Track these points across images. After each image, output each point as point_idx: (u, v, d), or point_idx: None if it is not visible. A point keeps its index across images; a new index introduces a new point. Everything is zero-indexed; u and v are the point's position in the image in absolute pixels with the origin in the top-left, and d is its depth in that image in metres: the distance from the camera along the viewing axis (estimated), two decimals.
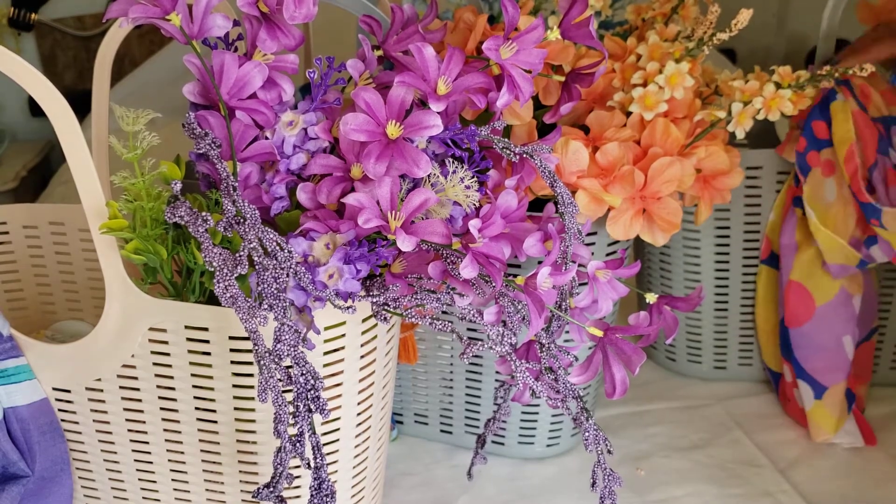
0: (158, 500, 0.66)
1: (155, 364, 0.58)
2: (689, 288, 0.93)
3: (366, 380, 0.61)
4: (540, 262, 0.56)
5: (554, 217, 0.63)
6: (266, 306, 0.49)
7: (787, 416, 0.90)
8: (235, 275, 0.49)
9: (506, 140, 0.58)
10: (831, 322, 0.83)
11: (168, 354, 0.58)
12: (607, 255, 0.74)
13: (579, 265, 0.63)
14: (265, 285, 0.49)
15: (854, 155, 0.76)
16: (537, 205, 0.68)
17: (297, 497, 0.62)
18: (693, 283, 0.92)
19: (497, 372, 0.78)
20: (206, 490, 0.64)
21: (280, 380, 0.50)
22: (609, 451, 0.60)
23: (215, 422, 0.60)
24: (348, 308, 0.52)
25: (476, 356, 0.79)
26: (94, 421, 0.63)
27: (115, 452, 0.64)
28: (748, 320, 0.92)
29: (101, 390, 0.61)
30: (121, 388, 0.60)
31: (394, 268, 0.57)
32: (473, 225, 0.55)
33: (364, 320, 0.58)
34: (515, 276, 0.57)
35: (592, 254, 0.70)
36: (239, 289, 0.49)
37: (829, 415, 0.83)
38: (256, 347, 0.50)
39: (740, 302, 0.91)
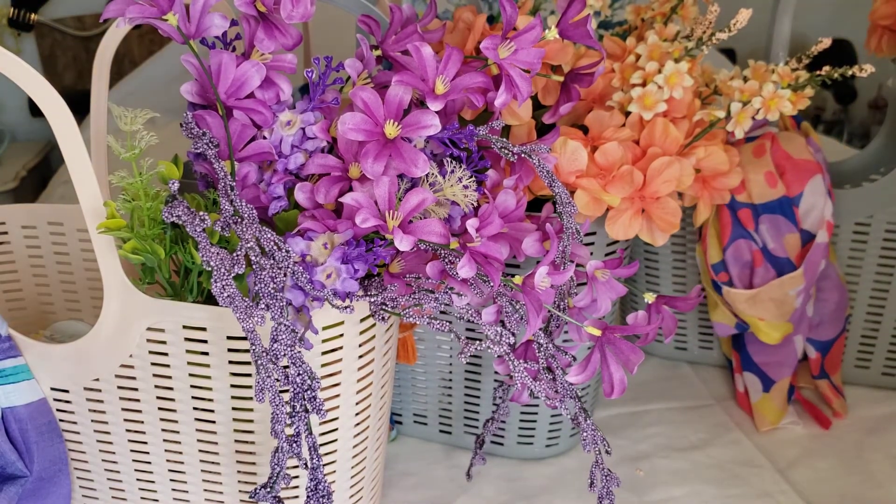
0: (157, 500, 0.66)
1: (153, 364, 0.58)
2: (676, 284, 0.96)
3: (364, 380, 0.61)
4: (539, 262, 0.56)
5: (552, 217, 0.63)
6: (263, 306, 0.49)
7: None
8: (233, 274, 0.49)
9: (504, 140, 0.58)
10: None
11: (166, 354, 0.58)
12: (606, 254, 0.74)
13: (578, 265, 0.63)
14: (262, 285, 0.49)
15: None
16: (536, 204, 0.67)
17: (296, 497, 0.62)
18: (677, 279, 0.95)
19: (496, 372, 0.78)
20: (205, 490, 0.64)
21: (277, 380, 0.50)
22: (607, 452, 0.60)
23: (213, 422, 0.60)
24: (346, 308, 0.52)
25: (475, 356, 0.79)
26: (92, 421, 0.63)
27: (114, 452, 0.64)
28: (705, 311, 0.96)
29: (100, 390, 0.61)
30: (119, 387, 0.60)
31: (392, 267, 0.57)
32: (471, 224, 0.54)
33: (362, 320, 0.58)
34: (514, 275, 0.57)
35: (591, 253, 0.70)
36: (236, 288, 0.49)
37: (775, 407, 0.87)
38: (253, 347, 0.50)
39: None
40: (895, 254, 0.88)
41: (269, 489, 0.53)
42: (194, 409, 0.60)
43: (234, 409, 0.59)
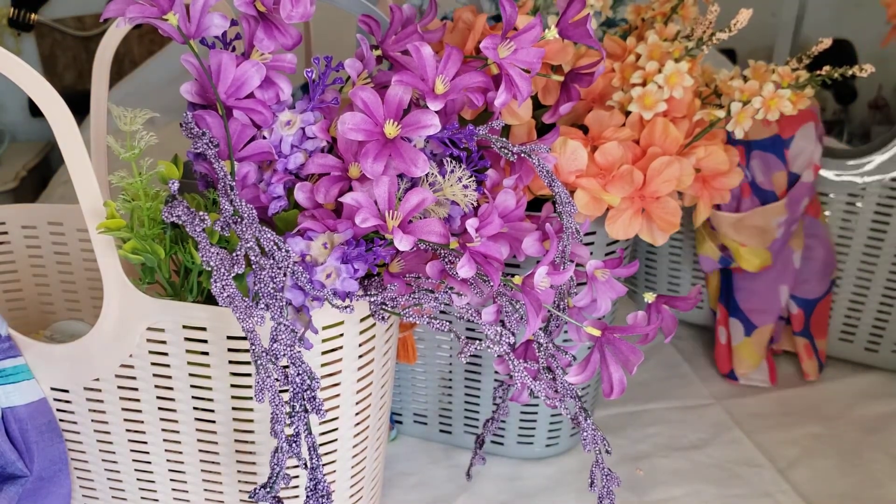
0: (157, 500, 0.66)
1: (153, 364, 0.58)
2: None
3: (364, 379, 0.61)
4: (538, 262, 0.56)
5: (552, 216, 0.63)
6: (263, 306, 0.49)
7: (787, 416, 0.91)
8: (233, 274, 0.49)
9: (504, 139, 0.58)
10: (772, 271, 0.92)
11: (166, 354, 0.58)
12: (606, 254, 0.74)
13: (578, 264, 0.63)
14: (262, 285, 0.49)
15: None
16: (536, 204, 0.67)
17: (295, 497, 0.62)
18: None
19: (496, 372, 0.78)
20: (205, 490, 0.64)
21: (277, 380, 0.50)
22: (607, 451, 0.60)
23: (213, 422, 0.60)
24: (346, 307, 0.52)
25: (475, 356, 0.79)
26: (92, 421, 0.63)
27: (114, 452, 0.64)
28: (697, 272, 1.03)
29: (100, 390, 0.61)
30: (119, 387, 0.60)
31: (392, 267, 0.57)
32: (471, 224, 0.54)
33: (362, 320, 0.58)
34: (514, 275, 0.57)
35: (591, 253, 0.70)
36: (236, 288, 0.49)
37: (755, 352, 0.95)
38: (253, 347, 0.50)
39: (691, 245, 1.01)
40: (884, 227, 0.92)
41: (268, 489, 0.53)
42: (194, 409, 0.60)
43: (234, 409, 0.59)
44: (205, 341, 0.56)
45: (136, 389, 0.60)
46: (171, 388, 0.59)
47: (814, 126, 0.87)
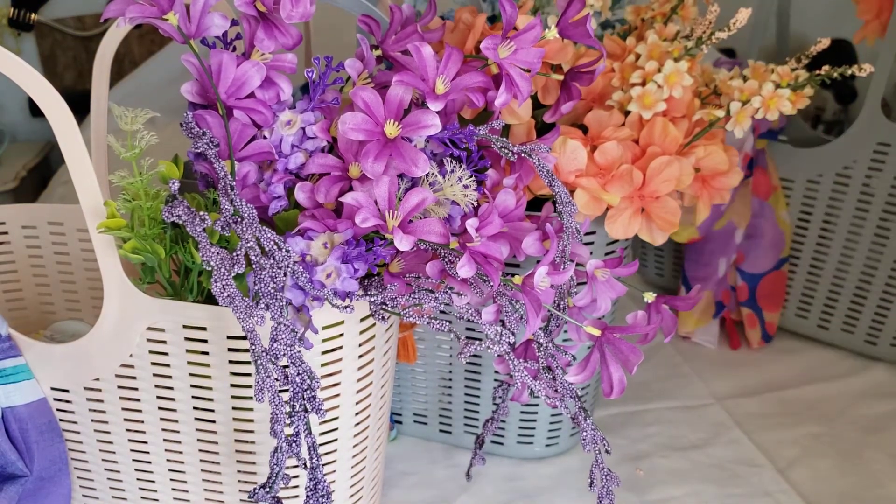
0: (157, 500, 0.66)
1: (153, 364, 0.58)
2: None
3: (364, 379, 0.61)
4: (538, 262, 0.56)
5: (552, 216, 0.63)
6: (263, 305, 0.49)
7: (787, 416, 0.91)
8: (233, 274, 0.49)
9: (504, 139, 0.58)
10: (714, 244, 1.03)
11: (166, 354, 0.58)
12: (606, 254, 0.74)
13: (578, 264, 0.63)
14: (262, 284, 0.49)
15: None
16: (536, 204, 0.67)
17: (295, 497, 0.62)
18: None
19: (496, 372, 0.78)
20: (205, 490, 0.64)
21: (277, 379, 0.50)
22: (607, 451, 0.60)
23: (213, 421, 0.60)
24: (346, 307, 0.52)
25: (475, 356, 0.79)
26: (92, 421, 0.63)
27: (114, 452, 0.64)
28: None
29: (100, 390, 0.61)
30: (119, 387, 0.60)
31: (392, 267, 0.57)
32: (471, 224, 0.55)
33: (362, 320, 0.58)
34: (514, 275, 0.57)
35: (591, 253, 0.70)
36: (236, 288, 0.49)
37: (690, 314, 1.06)
38: (253, 347, 0.50)
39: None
40: (838, 211, 0.99)
41: (268, 489, 0.53)
42: (194, 408, 0.60)
43: (234, 408, 0.59)
44: (205, 341, 0.56)
45: (136, 389, 0.60)
46: (171, 388, 0.59)
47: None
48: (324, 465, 0.61)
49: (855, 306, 1.01)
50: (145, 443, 0.63)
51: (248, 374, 0.57)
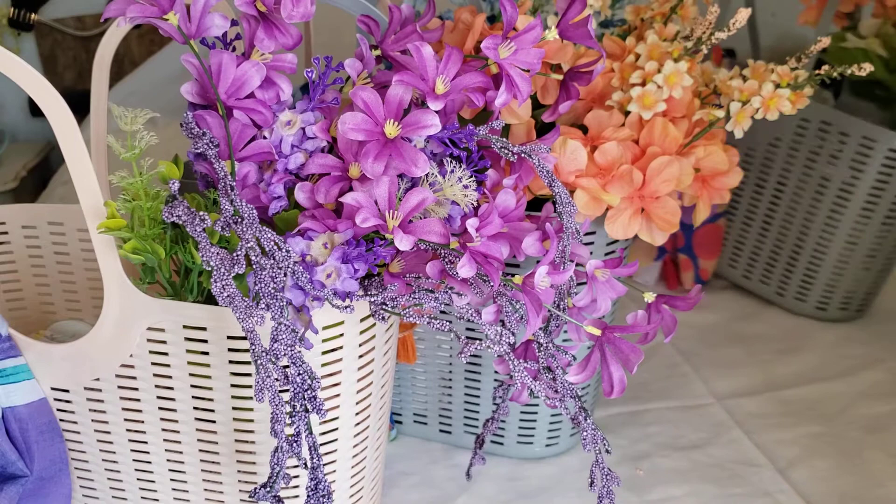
0: (157, 500, 0.66)
1: (153, 364, 0.58)
2: None
3: (364, 379, 0.61)
4: (538, 262, 0.56)
5: (552, 216, 0.63)
6: (263, 306, 0.49)
7: (787, 416, 0.91)
8: (233, 274, 0.49)
9: (504, 139, 0.58)
10: None
11: (166, 354, 0.58)
12: (606, 254, 0.74)
13: (578, 264, 0.63)
14: (262, 285, 0.49)
15: None
16: (536, 204, 0.68)
17: (295, 497, 0.62)
18: None
19: (496, 372, 0.78)
20: (205, 490, 0.64)
21: (277, 379, 0.50)
22: (607, 451, 0.60)
23: (213, 421, 0.60)
24: (346, 307, 0.52)
25: (475, 356, 0.79)
26: (92, 421, 0.63)
27: (114, 452, 0.64)
28: None
29: (100, 390, 0.61)
30: (119, 387, 0.60)
31: (392, 267, 0.57)
32: (471, 224, 0.55)
33: (362, 320, 0.58)
34: (514, 275, 0.57)
35: (591, 253, 0.70)
36: (236, 288, 0.49)
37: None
38: (253, 347, 0.50)
39: None
40: (767, 176, 1.13)
41: (268, 489, 0.53)
42: (194, 409, 0.60)
43: (234, 409, 0.59)
44: (205, 341, 0.57)
45: (136, 389, 0.60)
46: (171, 388, 0.59)
47: None
48: (324, 464, 0.61)
49: (771, 260, 1.16)
50: (145, 443, 0.63)
51: (249, 375, 0.57)
